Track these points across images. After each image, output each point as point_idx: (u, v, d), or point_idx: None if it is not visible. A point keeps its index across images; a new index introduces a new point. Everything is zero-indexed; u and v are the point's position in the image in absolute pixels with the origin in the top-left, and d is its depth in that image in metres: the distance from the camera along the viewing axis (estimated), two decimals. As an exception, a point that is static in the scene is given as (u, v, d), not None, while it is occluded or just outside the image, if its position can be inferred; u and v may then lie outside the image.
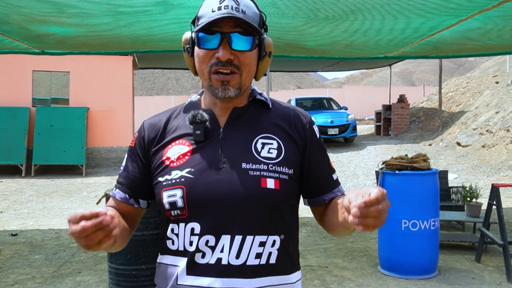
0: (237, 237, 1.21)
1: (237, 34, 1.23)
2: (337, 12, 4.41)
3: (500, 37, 5.27)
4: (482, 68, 24.78)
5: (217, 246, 1.21)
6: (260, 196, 1.23)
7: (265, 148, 1.29)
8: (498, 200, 4.78)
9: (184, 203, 1.24)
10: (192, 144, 1.29)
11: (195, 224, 1.23)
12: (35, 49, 6.12)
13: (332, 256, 5.36)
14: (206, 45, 1.25)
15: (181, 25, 4.92)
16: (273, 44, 1.36)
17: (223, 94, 1.25)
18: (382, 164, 4.83)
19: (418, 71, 64.80)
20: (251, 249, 1.22)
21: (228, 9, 1.21)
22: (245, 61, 1.26)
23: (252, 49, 1.26)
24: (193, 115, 1.29)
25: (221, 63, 1.23)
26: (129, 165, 1.38)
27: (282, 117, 1.36)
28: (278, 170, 1.26)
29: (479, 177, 10.32)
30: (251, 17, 1.25)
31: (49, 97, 14.67)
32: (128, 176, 1.38)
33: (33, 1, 3.97)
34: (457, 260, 5.16)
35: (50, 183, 11.72)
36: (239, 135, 1.30)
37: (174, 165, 1.28)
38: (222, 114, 1.33)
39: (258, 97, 1.37)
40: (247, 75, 1.28)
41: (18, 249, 5.89)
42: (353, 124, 15.10)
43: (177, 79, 44.38)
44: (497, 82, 15.44)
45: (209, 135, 1.30)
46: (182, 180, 1.25)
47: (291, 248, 1.32)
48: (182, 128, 1.33)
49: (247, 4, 1.27)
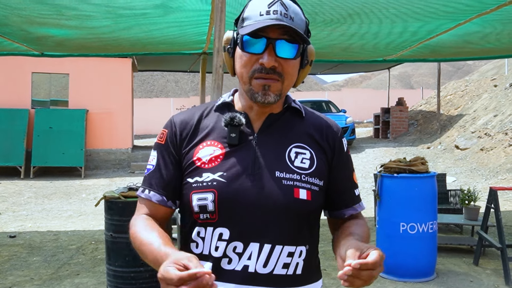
0: (266, 245, 1.20)
1: (283, 41, 1.19)
2: (335, 16, 4.43)
3: (498, 41, 5.29)
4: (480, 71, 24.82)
5: (245, 253, 1.19)
6: (293, 206, 1.21)
7: (298, 157, 1.27)
8: (496, 203, 4.79)
9: (215, 207, 1.21)
10: (225, 147, 1.26)
11: (224, 229, 1.21)
12: (34, 51, 6.13)
13: (330, 259, 5.36)
14: (251, 49, 1.21)
15: (180, 28, 4.94)
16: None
17: (262, 99, 1.22)
18: (381, 167, 4.84)
19: (417, 74, 64.89)
20: (279, 258, 1.21)
21: (277, 15, 1.18)
22: (289, 70, 1.23)
23: (296, 57, 1.23)
24: (231, 117, 1.26)
25: (264, 69, 1.20)
26: (162, 164, 1.31)
27: (315, 127, 1.34)
28: (310, 181, 1.25)
29: (477, 180, 10.34)
30: (298, 25, 1.22)
31: (48, 99, 14.67)
32: (162, 177, 1.30)
33: (33, 3, 3.98)
34: (455, 263, 5.17)
35: (49, 185, 11.71)
36: (273, 142, 1.28)
37: (206, 167, 1.24)
38: (257, 119, 1.30)
39: (293, 104, 1.35)
40: (288, 84, 1.26)
41: (17, 251, 5.89)
42: (351, 127, 15.11)
43: (176, 81, 44.39)
44: (495, 85, 15.47)
45: (243, 139, 1.26)
46: (214, 183, 1.22)
47: (314, 258, 1.32)
48: (215, 128, 1.29)
49: (295, 10, 1.24)
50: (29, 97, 13.98)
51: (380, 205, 4.73)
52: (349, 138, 15.01)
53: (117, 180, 12.16)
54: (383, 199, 4.67)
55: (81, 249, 5.93)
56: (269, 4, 1.20)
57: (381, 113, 17.14)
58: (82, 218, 8.07)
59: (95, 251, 5.84)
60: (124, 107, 14.57)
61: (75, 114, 13.54)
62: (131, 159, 14.28)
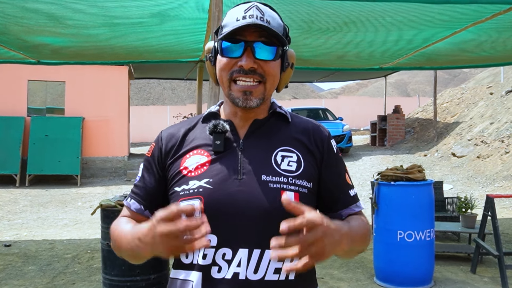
0: (255, 251, 1.18)
1: (260, 43, 1.22)
2: (331, 24, 4.45)
3: (493, 49, 5.32)
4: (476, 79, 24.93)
5: (234, 260, 1.18)
6: (281, 209, 1.14)
7: (284, 160, 1.27)
8: (493, 211, 4.79)
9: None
10: (211, 155, 1.27)
11: (211, 236, 1.19)
12: (31, 59, 6.13)
13: (328, 267, 5.35)
14: (230, 53, 1.24)
15: (177, 36, 4.94)
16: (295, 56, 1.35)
17: (244, 103, 1.24)
18: (378, 175, 4.84)
19: (413, 81, 65.15)
20: (269, 263, 1.18)
21: (253, 19, 1.20)
22: (269, 71, 1.25)
23: (275, 59, 1.25)
24: (214, 125, 1.27)
25: (243, 71, 1.22)
26: (146, 176, 1.35)
27: (302, 131, 1.34)
28: (298, 183, 1.24)
29: (474, 187, 10.35)
30: (275, 28, 1.24)
31: (44, 106, 14.64)
32: (144, 187, 1.34)
33: (31, 12, 3.98)
34: (452, 271, 5.16)
35: (44, 193, 11.65)
36: (258, 147, 1.28)
37: (192, 175, 1.25)
38: (242, 126, 1.31)
39: (278, 110, 1.36)
40: (271, 85, 1.28)
41: (12, 260, 5.84)
42: (348, 134, 15.14)
43: (173, 89, 44.42)
44: (491, 93, 15.54)
45: (228, 146, 1.28)
46: (200, 190, 1.22)
47: None
48: (201, 138, 1.31)
49: (272, 14, 1.26)
50: (25, 104, 13.95)
51: (377, 213, 4.73)
52: (346, 146, 15.02)
53: (113, 188, 12.12)
54: (380, 207, 4.66)
55: (77, 258, 5.88)
56: (245, 9, 1.23)
57: (377, 121, 17.18)
58: (78, 227, 8.03)
59: (91, 260, 5.80)
60: (120, 115, 14.55)
61: (71, 122, 13.51)
62: (128, 167, 14.24)
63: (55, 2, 3.75)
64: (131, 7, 3.93)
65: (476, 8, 3.89)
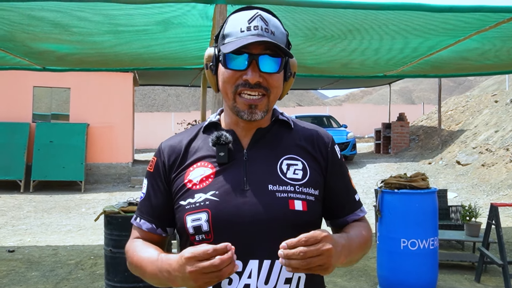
0: (265, 261, 1.17)
1: (266, 56, 1.20)
2: (335, 32, 4.46)
3: (497, 57, 5.32)
4: (481, 87, 24.90)
5: (245, 272, 1.17)
6: (289, 218, 1.19)
7: (290, 169, 1.25)
8: (497, 219, 4.77)
9: (210, 227, 1.19)
10: (215, 166, 1.25)
11: None
12: (36, 66, 6.17)
13: (331, 275, 5.32)
14: (234, 65, 1.21)
15: (181, 43, 4.97)
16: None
17: (249, 117, 1.22)
18: (381, 183, 4.83)
19: (418, 89, 65.10)
20: (280, 274, 1.18)
21: (258, 30, 1.19)
22: (274, 83, 1.23)
23: (279, 71, 1.23)
24: (217, 137, 1.25)
25: (249, 85, 1.20)
26: (151, 193, 1.32)
27: (305, 138, 1.33)
28: (305, 192, 1.23)
29: (478, 196, 10.30)
30: (279, 39, 1.23)
31: (49, 112, 14.71)
32: (152, 205, 1.32)
33: (36, 19, 4.02)
34: (456, 280, 5.13)
35: (48, 199, 11.68)
36: (263, 156, 1.27)
37: (197, 187, 1.23)
38: (245, 135, 1.29)
39: (281, 117, 1.34)
40: (275, 97, 1.26)
41: (15, 265, 5.85)
42: (352, 142, 15.12)
43: (178, 95, 44.56)
44: (496, 101, 15.50)
45: (232, 157, 1.25)
46: (206, 203, 1.20)
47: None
48: (203, 149, 1.29)
49: (275, 24, 1.24)
50: (30, 111, 14.03)
51: (381, 221, 4.71)
52: (350, 153, 15.00)
53: (117, 194, 12.14)
54: (384, 215, 4.65)
55: (80, 264, 5.89)
56: (249, 20, 1.21)
57: (382, 128, 17.16)
58: (82, 233, 8.04)
59: (94, 266, 5.80)
60: (125, 121, 14.60)
61: (76, 128, 13.57)
62: (132, 174, 14.26)
63: (60, 10, 3.78)
64: (136, 15, 3.96)
65: (480, 17, 3.89)
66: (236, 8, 1.33)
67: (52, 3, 3.58)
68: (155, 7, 3.71)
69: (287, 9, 3.81)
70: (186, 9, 3.84)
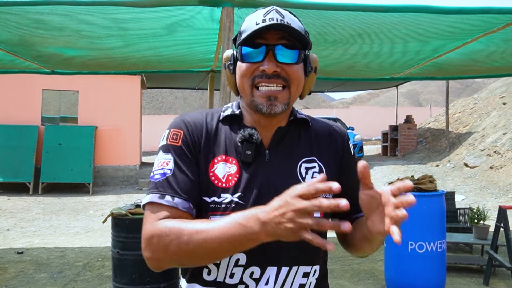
0: (283, 268, 1.17)
1: (282, 46, 1.16)
2: (344, 36, 4.47)
3: (504, 59, 5.29)
4: (489, 89, 24.74)
5: (262, 278, 1.16)
6: None
7: (309, 173, 1.24)
8: (506, 222, 4.74)
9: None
10: (240, 165, 1.20)
11: (240, 254, 1.15)
12: (45, 69, 6.22)
13: (338, 278, 5.31)
14: (250, 59, 1.18)
15: (188, 46, 5.00)
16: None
17: (268, 109, 1.17)
18: (388, 185, 4.82)
19: (425, 91, 64.81)
20: (294, 280, 1.18)
21: (273, 21, 1.15)
22: (293, 75, 1.18)
23: (298, 62, 1.19)
24: (250, 134, 1.20)
25: (266, 75, 1.16)
26: (184, 168, 1.18)
27: (321, 135, 1.31)
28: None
29: (487, 198, 10.24)
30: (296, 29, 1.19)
31: (58, 115, 14.82)
32: (185, 181, 1.17)
33: (45, 23, 4.05)
34: (465, 283, 5.10)
35: (57, 201, 11.76)
36: (283, 158, 1.24)
37: (223, 186, 1.19)
38: (266, 134, 1.25)
39: (299, 115, 1.31)
40: (296, 90, 1.21)
41: (24, 267, 5.89)
42: (360, 144, 15.10)
43: (185, 98, 44.68)
44: (504, 103, 15.40)
45: (255, 157, 1.21)
46: (232, 205, 1.16)
47: (325, 276, 1.30)
48: (228, 142, 1.23)
49: (292, 18, 1.21)
50: (39, 113, 14.13)
51: (388, 224, 4.69)
52: (357, 156, 14.93)
53: (125, 196, 12.19)
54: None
55: (87, 266, 5.92)
56: (265, 13, 1.18)
57: (389, 131, 17.11)
58: (89, 235, 8.08)
59: (101, 268, 5.83)
60: (132, 124, 14.67)
61: (84, 131, 13.66)
62: (139, 176, 14.32)
63: (69, 14, 3.81)
64: (144, 18, 3.98)
65: (488, 19, 3.88)
66: (242, 11, 1.32)
67: (60, 7, 3.62)
68: (162, 11, 3.73)
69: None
70: (193, 12, 3.86)
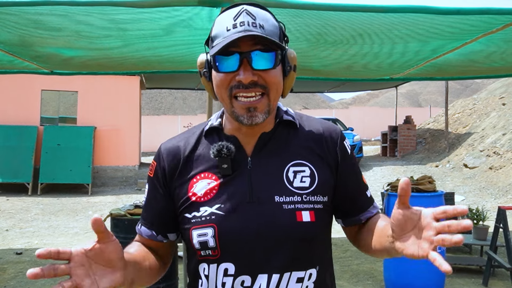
0: (274, 275, 1.13)
1: (257, 51, 1.10)
2: (344, 36, 4.46)
3: (504, 60, 5.28)
4: (488, 89, 24.75)
5: (254, 286, 1.13)
6: (297, 231, 1.14)
7: (297, 177, 1.18)
8: (505, 223, 4.74)
9: (216, 242, 1.14)
10: (219, 178, 1.18)
11: (228, 264, 1.15)
12: (44, 69, 6.21)
13: (338, 278, 5.31)
14: (225, 68, 1.12)
15: (187, 46, 4.98)
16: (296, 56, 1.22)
17: (249, 121, 1.13)
18: (388, 186, 4.82)
19: (425, 92, 64.86)
20: (288, 286, 1.14)
21: (244, 26, 1.09)
22: (271, 80, 1.13)
23: (275, 66, 1.13)
24: (218, 150, 1.17)
25: (243, 86, 1.11)
26: (152, 199, 1.28)
27: (312, 138, 1.24)
28: (313, 200, 1.17)
29: (486, 199, 10.24)
30: (270, 31, 1.13)
31: (57, 116, 14.81)
32: (152, 211, 1.28)
33: (44, 23, 4.05)
34: (464, 284, 5.10)
35: (56, 202, 11.74)
36: (268, 164, 1.19)
37: (202, 200, 1.17)
38: (248, 141, 1.21)
39: (285, 117, 1.25)
40: (276, 95, 1.16)
41: (23, 268, 5.88)
42: (359, 145, 15.10)
43: (184, 99, 44.68)
44: (503, 104, 15.41)
45: (236, 166, 1.18)
46: (212, 217, 1.15)
47: (327, 278, 1.25)
48: (206, 159, 1.21)
49: (264, 17, 1.14)
50: (38, 114, 14.13)
51: (387, 224, 4.69)
52: (356, 156, 14.97)
53: (124, 197, 12.18)
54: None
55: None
56: (234, 16, 1.12)
57: (388, 131, 17.11)
58: (89, 236, 8.07)
59: (100, 268, 5.82)
60: (131, 125, 14.67)
61: (83, 131, 13.65)
62: (138, 176, 14.31)
63: (67, 15, 3.81)
64: (144, 19, 3.98)
65: (487, 19, 3.87)
66: None
67: (59, 8, 3.61)
68: (161, 12, 3.73)
69: (292, 14, 3.81)
70: (192, 12, 3.85)
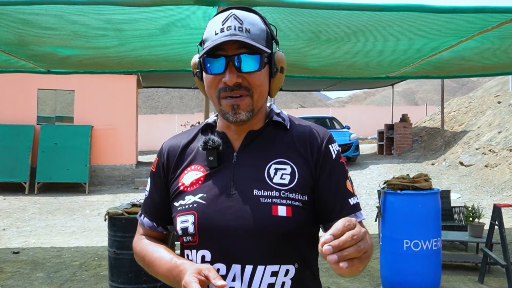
0: (247, 266, 1.17)
1: (243, 55, 1.17)
2: (339, 34, 4.48)
3: (496, 57, 5.31)
4: (484, 88, 24.84)
5: (229, 275, 1.17)
6: (272, 225, 1.17)
7: (278, 173, 1.22)
8: (500, 220, 4.77)
9: (195, 229, 1.21)
10: (206, 170, 1.26)
11: (205, 251, 1.21)
12: (41, 68, 6.21)
13: (334, 276, 5.33)
14: (213, 70, 1.21)
15: (184, 45, 4.99)
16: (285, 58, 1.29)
17: (234, 118, 1.21)
18: (384, 184, 4.84)
19: (421, 90, 64.96)
20: (262, 279, 1.17)
21: (231, 30, 1.16)
22: (255, 82, 1.20)
23: (260, 69, 1.20)
24: (205, 142, 1.26)
25: (229, 88, 1.19)
26: (153, 192, 1.38)
27: (298, 139, 1.28)
28: (291, 197, 1.20)
29: (482, 197, 10.29)
30: (256, 35, 1.19)
31: (54, 115, 14.77)
32: (153, 204, 1.38)
33: (41, 23, 4.05)
34: (460, 281, 5.13)
35: (53, 201, 11.73)
36: (252, 160, 1.25)
37: (188, 189, 1.26)
38: (237, 138, 1.29)
39: (275, 118, 1.31)
40: (259, 96, 1.23)
41: (20, 267, 5.88)
42: (355, 143, 15.12)
43: (181, 97, 44.62)
44: (499, 102, 15.47)
45: (223, 160, 1.26)
46: (194, 205, 1.22)
47: (307, 277, 1.25)
48: (198, 152, 1.31)
49: (252, 21, 1.21)
50: (35, 113, 14.09)
51: (384, 222, 4.72)
52: (353, 155, 15.01)
53: (121, 196, 12.18)
54: (387, 216, 4.66)
55: (84, 266, 5.92)
56: (223, 21, 1.19)
57: (385, 130, 17.15)
58: (86, 234, 8.07)
59: (98, 267, 5.83)
60: (128, 123, 14.65)
61: (80, 130, 13.62)
62: (135, 175, 14.31)
63: (63, 15, 3.81)
64: (140, 19, 3.99)
65: (484, 17, 3.89)
66: None
67: (55, 7, 3.61)
68: (158, 11, 3.74)
69: (290, 12, 3.83)
70: (189, 11, 3.86)
